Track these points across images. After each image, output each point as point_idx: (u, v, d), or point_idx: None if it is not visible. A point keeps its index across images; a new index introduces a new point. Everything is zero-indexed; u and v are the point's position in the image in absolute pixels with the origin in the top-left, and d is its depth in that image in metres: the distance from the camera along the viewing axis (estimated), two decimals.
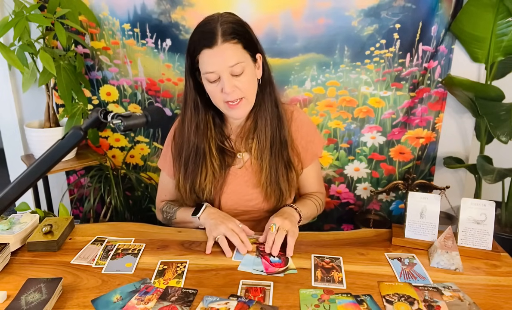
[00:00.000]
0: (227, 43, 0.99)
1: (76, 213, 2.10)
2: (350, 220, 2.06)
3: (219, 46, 0.99)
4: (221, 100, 1.05)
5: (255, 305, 0.78)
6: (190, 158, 1.13)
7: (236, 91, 1.02)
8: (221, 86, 1.02)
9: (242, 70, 1.02)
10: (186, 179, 1.14)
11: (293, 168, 1.15)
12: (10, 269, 0.92)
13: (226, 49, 0.99)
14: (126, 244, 1.02)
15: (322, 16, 1.72)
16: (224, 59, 1.00)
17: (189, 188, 1.14)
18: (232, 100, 1.04)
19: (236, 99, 1.04)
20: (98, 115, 0.90)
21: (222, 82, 1.01)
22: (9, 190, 0.80)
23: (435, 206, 1.01)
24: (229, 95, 1.02)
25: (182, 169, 1.15)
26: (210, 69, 1.01)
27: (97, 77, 1.89)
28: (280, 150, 1.13)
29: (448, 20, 1.73)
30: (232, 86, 1.01)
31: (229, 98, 1.03)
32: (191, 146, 1.12)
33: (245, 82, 1.03)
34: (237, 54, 1.01)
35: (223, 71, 1.00)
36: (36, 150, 1.79)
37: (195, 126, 1.11)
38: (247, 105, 1.07)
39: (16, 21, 1.46)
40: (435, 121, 1.88)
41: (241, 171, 1.15)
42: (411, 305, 0.78)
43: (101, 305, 0.79)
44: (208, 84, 1.05)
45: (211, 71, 1.01)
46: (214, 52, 0.99)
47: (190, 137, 1.12)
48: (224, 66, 1.00)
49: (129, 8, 1.76)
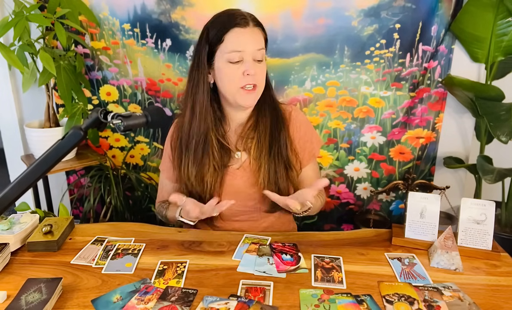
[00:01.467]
0: (257, 28, 1.06)
1: (76, 213, 2.10)
2: (350, 220, 2.06)
3: (251, 28, 1.04)
4: (238, 84, 1.05)
5: (255, 305, 0.78)
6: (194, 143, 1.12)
7: (254, 77, 1.04)
8: (243, 69, 1.03)
9: (262, 57, 1.06)
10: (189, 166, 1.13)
11: (293, 167, 1.15)
12: (10, 269, 0.92)
13: (256, 33, 1.05)
14: (126, 244, 1.02)
15: (322, 16, 1.72)
16: (254, 41, 1.04)
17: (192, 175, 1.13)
18: (250, 84, 1.05)
19: (251, 85, 1.05)
20: (98, 115, 0.90)
21: (246, 64, 1.03)
22: (9, 190, 0.80)
23: (435, 206, 1.01)
24: (250, 77, 1.03)
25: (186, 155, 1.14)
26: (240, 47, 1.03)
27: (97, 77, 1.89)
28: (279, 150, 1.13)
29: (448, 20, 1.73)
30: (254, 69, 1.03)
31: (250, 80, 1.04)
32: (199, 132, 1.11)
33: (262, 71, 1.07)
34: (261, 41, 1.07)
35: (250, 52, 1.03)
36: (36, 150, 1.79)
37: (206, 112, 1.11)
38: (257, 94, 1.09)
39: (16, 21, 1.46)
40: (435, 121, 1.88)
41: (239, 172, 1.15)
42: (411, 305, 0.78)
43: (101, 305, 0.79)
44: (227, 67, 1.05)
45: (240, 49, 1.03)
46: (246, 31, 1.03)
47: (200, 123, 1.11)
48: (253, 47, 1.03)
49: (129, 8, 1.76)
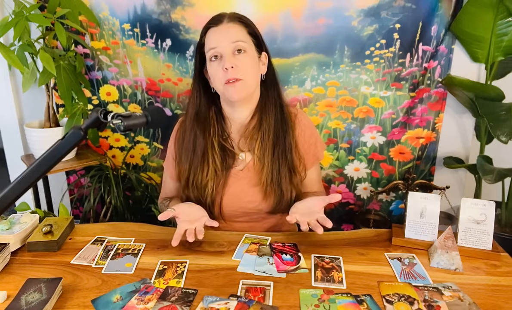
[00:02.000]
0: (232, 23, 1.07)
1: (76, 213, 2.10)
2: (350, 220, 2.06)
3: (224, 24, 1.07)
4: (222, 81, 1.06)
5: (255, 305, 0.78)
6: (191, 147, 1.14)
7: (235, 69, 1.05)
8: (222, 65, 1.04)
9: (243, 49, 1.06)
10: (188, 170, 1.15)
11: (296, 170, 1.15)
12: (10, 269, 0.92)
13: (230, 28, 1.06)
14: (126, 244, 1.02)
15: (322, 16, 1.72)
16: (227, 35, 1.05)
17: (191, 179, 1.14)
18: (231, 78, 1.05)
19: (234, 79, 1.05)
20: (98, 115, 0.90)
21: (223, 59, 1.04)
22: (9, 190, 0.80)
23: (435, 206, 1.01)
24: (228, 72, 1.04)
25: (184, 158, 1.16)
26: (213, 44, 1.05)
27: (97, 77, 1.89)
28: (284, 152, 1.13)
29: (448, 20, 1.73)
30: (231, 62, 1.04)
31: (228, 75, 1.04)
32: (192, 136, 1.14)
33: (245, 63, 1.06)
34: (240, 34, 1.07)
35: (225, 46, 1.04)
36: (36, 150, 1.79)
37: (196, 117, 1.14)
38: (244, 88, 1.07)
39: (16, 21, 1.46)
40: (435, 121, 1.88)
41: (242, 173, 1.15)
42: (411, 305, 0.78)
43: (101, 305, 0.79)
44: (210, 65, 1.08)
45: (214, 46, 1.05)
46: (218, 29, 1.06)
47: (192, 126, 1.14)
48: (227, 41, 1.05)
49: (129, 8, 1.76)
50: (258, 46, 1.11)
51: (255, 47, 1.10)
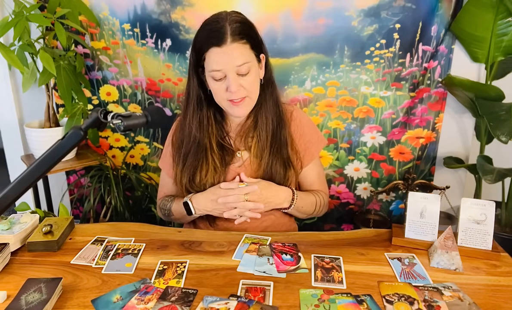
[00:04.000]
0: (236, 43, 1.01)
1: (76, 213, 2.10)
2: (350, 220, 2.06)
3: (228, 45, 1.00)
4: (225, 98, 1.06)
5: (255, 305, 0.78)
6: (190, 152, 1.14)
7: (241, 90, 1.04)
8: (226, 85, 1.03)
9: (248, 70, 1.03)
10: (183, 173, 1.15)
11: (292, 166, 1.15)
12: (10, 269, 0.92)
13: (234, 49, 1.00)
14: (126, 244, 1.02)
15: (322, 16, 1.72)
16: (232, 59, 1.01)
17: (188, 182, 1.15)
18: (236, 99, 1.05)
19: (240, 98, 1.05)
20: (98, 115, 0.90)
21: (228, 81, 1.02)
22: (9, 190, 0.80)
23: (435, 206, 1.01)
24: (234, 94, 1.03)
25: (180, 163, 1.16)
26: (217, 67, 1.02)
27: (97, 77, 1.89)
28: (279, 149, 1.14)
29: (448, 20, 1.73)
30: (237, 85, 1.03)
31: (234, 96, 1.04)
32: (192, 141, 1.14)
33: (250, 82, 1.05)
34: (244, 54, 1.02)
35: (230, 70, 1.01)
36: (36, 150, 1.79)
37: (198, 122, 1.13)
38: (249, 103, 1.09)
39: (16, 21, 1.46)
40: (435, 121, 1.88)
41: (240, 170, 1.16)
42: (411, 305, 0.78)
43: (101, 305, 0.79)
44: (212, 82, 1.06)
45: (218, 69, 1.02)
46: (222, 51, 1.00)
47: (192, 132, 1.13)
48: (232, 65, 1.01)
49: (129, 8, 1.76)
50: (257, 53, 1.07)
51: (256, 57, 1.07)
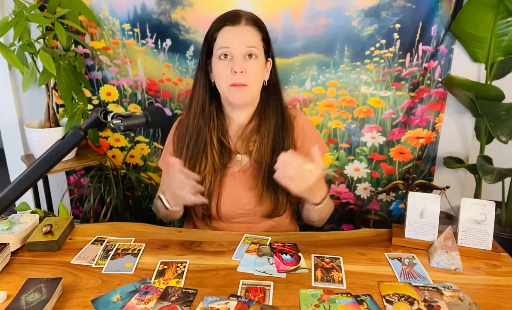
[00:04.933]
0: (249, 26, 1.05)
1: (76, 213, 2.09)
2: (350, 220, 2.06)
3: (241, 26, 1.04)
4: (227, 81, 1.05)
5: (255, 305, 0.78)
6: (191, 141, 1.14)
7: (244, 74, 1.04)
8: (231, 66, 1.03)
9: (255, 56, 1.05)
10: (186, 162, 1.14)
11: None
12: (10, 269, 0.92)
13: (247, 31, 1.04)
14: (126, 244, 1.02)
15: (322, 16, 1.72)
16: (242, 38, 1.04)
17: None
18: (238, 83, 1.04)
19: (241, 83, 1.05)
20: (98, 115, 0.90)
21: (234, 62, 1.03)
22: (9, 190, 0.80)
23: (435, 206, 1.01)
24: (237, 76, 1.03)
25: (184, 151, 1.15)
26: (227, 44, 1.04)
27: (97, 77, 1.89)
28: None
29: (448, 20, 1.73)
30: (242, 66, 1.03)
31: (235, 79, 1.04)
32: (196, 128, 1.13)
33: (254, 69, 1.06)
34: (255, 39, 1.05)
35: (239, 48, 1.03)
36: (36, 150, 1.79)
37: (202, 109, 1.13)
38: (248, 93, 1.08)
39: (16, 21, 1.46)
40: (435, 121, 1.88)
41: (239, 174, 1.15)
42: (411, 305, 0.78)
43: (101, 305, 0.79)
44: (218, 63, 1.06)
45: (227, 46, 1.03)
46: (235, 29, 1.04)
47: (196, 118, 1.13)
48: (241, 44, 1.03)
49: (129, 8, 1.76)
50: (267, 52, 1.11)
51: (265, 53, 1.10)
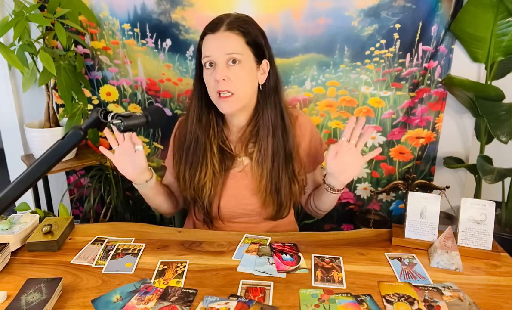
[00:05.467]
0: (229, 32, 1.02)
1: (76, 213, 2.09)
2: (350, 220, 2.06)
3: (221, 33, 1.02)
4: (214, 90, 1.04)
5: (255, 305, 0.78)
6: (191, 149, 1.13)
7: (227, 82, 1.02)
8: (214, 75, 1.02)
9: (238, 62, 1.02)
10: (185, 170, 1.14)
11: (297, 181, 1.13)
12: (10, 269, 0.92)
13: (226, 37, 1.02)
14: (126, 244, 1.02)
15: (322, 16, 1.72)
16: (222, 45, 1.02)
17: (188, 180, 1.14)
18: (223, 90, 1.03)
19: (226, 91, 1.03)
20: (98, 115, 0.90)
21: (216, 70, 1.02)
22: (9, 190, 0.80)
23: (435, 206, 1.01)
24: (219, 84, 1.02)
25: (183, 159, 1.15)
26: (208, 53, 1.03)
27: (97, 77, 1.89)
28: (284, 161, 1.11)
29: (448, 20, 1.73)
30: (223, 74, 1.01)
31: (219, 87, 1.02)
32: (193, 137, 1.13)
33: (239, 76, 1.03)
34: (236, 45, 1.02)
35: (218, 57, 1.01)
36: (36, 150, 1.79)
37: (198, 119, 1.12)
38: (235, 102, 1.05)
39: (16, 21, 1.46)
40: (435, 121, 1.88)
41: (240, 175, 1.15)
42: (411, 305, 0.78)
43: (101, 305, 0.79)
44: (205, 72, 1.06)
45: (208, 55, 1.03)
46: (214, 37, 1.02)
47: (193, 128, 1.13)
48: (220, 52, 1.01)
49: (129, 8, 1.76)
50: (258, 55, 1.06)
51: (254, 56, 1.05)
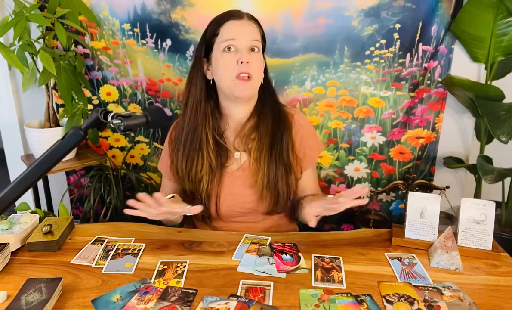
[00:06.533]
0: (252, 21, 1.11)
1: (76, 213, 2.10)
2: (350, 220, 2.06)
3: (245, 20, 1.09)
4: (233, 73, 1.06)
5: (255, 305, 0.78)
6: (188, 139, 1.14)
7: (250, 65, 1.06)
8: (237, 57, 1.05)
9: (257, 50, 1.09)
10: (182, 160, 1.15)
11: (293, 171, 1.15)
12: (10, 269, 0.92)
13: (250, 25, 1.10)
14: (126, 244, 1.02)
15: (322, 16, 1.72)
16: (248, 31, 1.09)
17: (186, 171, 1.14)
18: (244, 72, 1.05)
19: (247, 74, 1.06)
20: (98, 115, 0.90)
21: (240, 53, 1.06)
22: (9, 190, 0.80)
23: (435, 206, 1.01)
24: (242, 66, 1.05)
25: (181, 150, 1.15)
26: (232, 36, 1.07)
27: (97, 77, 1.89)
28: (280, 152, 1.13)
29: (448, 20, 1.73)
30: (247, 58, 1.06)
31: (244, 68, 1.05)
32: (191, 127, 1.14)
33: (257, 62, 1.09)
34: (257, 34, 1.10)
35: (244, 41, 1.07)
36: (36, 150, 1.79)
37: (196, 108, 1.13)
38: (253, 86, 1.09)
39: (16, 21, 1.46)
40: (435, 121, 1.88)
41: (238, 172, 1.15)
42: (411, 305, 0.78)
43: (101, 305, 0.79)
44: (222, 56, 1.07)
45: (233, 38, 1.06)
46: (240, 23, 1.08)
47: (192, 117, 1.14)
48: (247, 37, 1.07)
49: (129, 8, 1.76)
50: (263, 49, 1.15)
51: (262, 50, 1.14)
